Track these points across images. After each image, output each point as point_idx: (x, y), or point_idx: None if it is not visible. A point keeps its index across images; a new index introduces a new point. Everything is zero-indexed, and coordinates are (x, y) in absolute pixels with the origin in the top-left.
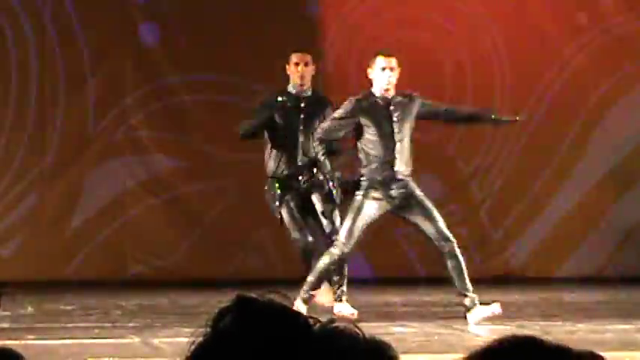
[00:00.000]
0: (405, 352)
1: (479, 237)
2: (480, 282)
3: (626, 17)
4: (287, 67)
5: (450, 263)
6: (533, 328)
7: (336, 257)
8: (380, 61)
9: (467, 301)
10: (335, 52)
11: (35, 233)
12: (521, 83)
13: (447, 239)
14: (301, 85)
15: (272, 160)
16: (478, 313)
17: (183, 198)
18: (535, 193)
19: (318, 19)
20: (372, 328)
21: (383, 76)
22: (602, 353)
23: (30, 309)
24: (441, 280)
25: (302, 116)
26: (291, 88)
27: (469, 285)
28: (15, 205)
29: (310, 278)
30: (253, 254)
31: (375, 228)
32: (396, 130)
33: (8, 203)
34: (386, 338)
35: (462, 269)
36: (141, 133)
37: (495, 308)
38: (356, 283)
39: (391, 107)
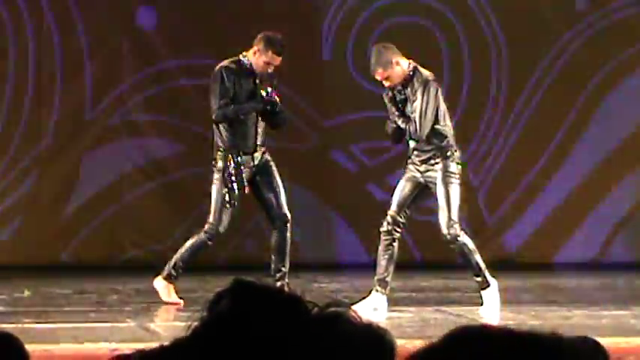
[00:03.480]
0: (401, 337)
1: (475, 222)
2: None
3: (625, 2)
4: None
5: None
6: (528, 314)
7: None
8: None
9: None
10: (332, 39)
11: (32, 217)
12: (519, 68)
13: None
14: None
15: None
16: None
17: (180, 182)
18: (531, 178)
19: (316, 4)
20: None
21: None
22: (597, 339)
23: (27, 293)
24: (437, 266)
25: None
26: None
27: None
28: (12, 189)
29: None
30: (249, 239)
31: (370, 213)
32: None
33: (5, 187)
34: (383, 323)
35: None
36: (138, 117)
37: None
38: (353, 268)
39: None
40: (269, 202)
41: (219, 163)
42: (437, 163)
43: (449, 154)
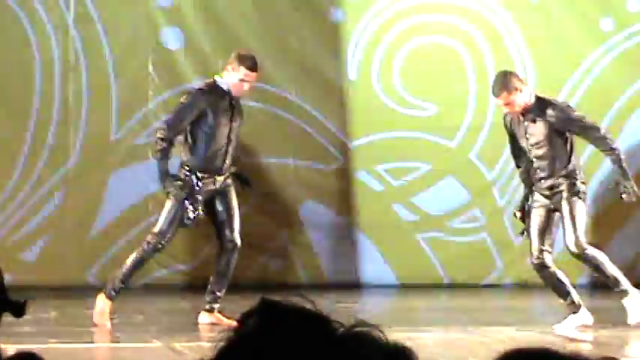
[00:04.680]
0: (427, 358)
1: (501, 242)
2: (502, 287)
3: None
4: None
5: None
6: (555, 334)
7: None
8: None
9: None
10: (358, 59)
11: (58, 237)
12: (545, 88)
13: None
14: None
15: None
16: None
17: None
18: None
19: (342, 25)
20: (394, 333)
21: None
22: (623, 359)
23: (53, 313)
24: (463, 286)
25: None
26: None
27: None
28: (38, 210)
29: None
30: (274, 259)
31: (396, 233)
32: None
33: (31, 207)
34: (408, 344)
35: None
36: None
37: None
38: (379, 288)
39: None
40: (222, 226)
41: (180, 182)
42: (561, 184)
43: (574, 174)
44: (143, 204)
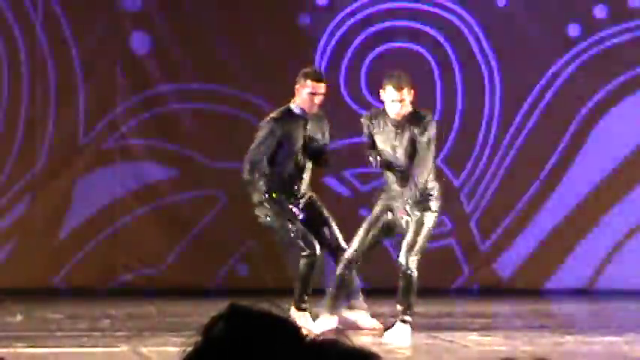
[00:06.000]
0: None
1: (468, 248)
2: (469, 293)
3: (616, 30)
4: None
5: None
6: (521, 340)
7: None
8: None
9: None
10: (325, 65)
11: (25, 241)
12: (512, 94)
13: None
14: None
15: None
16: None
17: (173, 206)
18: (524, 204)
19: (310, 30)
20: (361, 339)
21: (393, 108)
22: None
23: (19, 317)
24: (429, 292)
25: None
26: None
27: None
28: (4, 214)
29: None
30: (242, 263)
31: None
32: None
33: None
34: (375, 349)
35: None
36: (131, 141)
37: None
38: None
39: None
40: (324, 235)
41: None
42: (418, 197)
43: (433, 191)
44: (111, 208)
